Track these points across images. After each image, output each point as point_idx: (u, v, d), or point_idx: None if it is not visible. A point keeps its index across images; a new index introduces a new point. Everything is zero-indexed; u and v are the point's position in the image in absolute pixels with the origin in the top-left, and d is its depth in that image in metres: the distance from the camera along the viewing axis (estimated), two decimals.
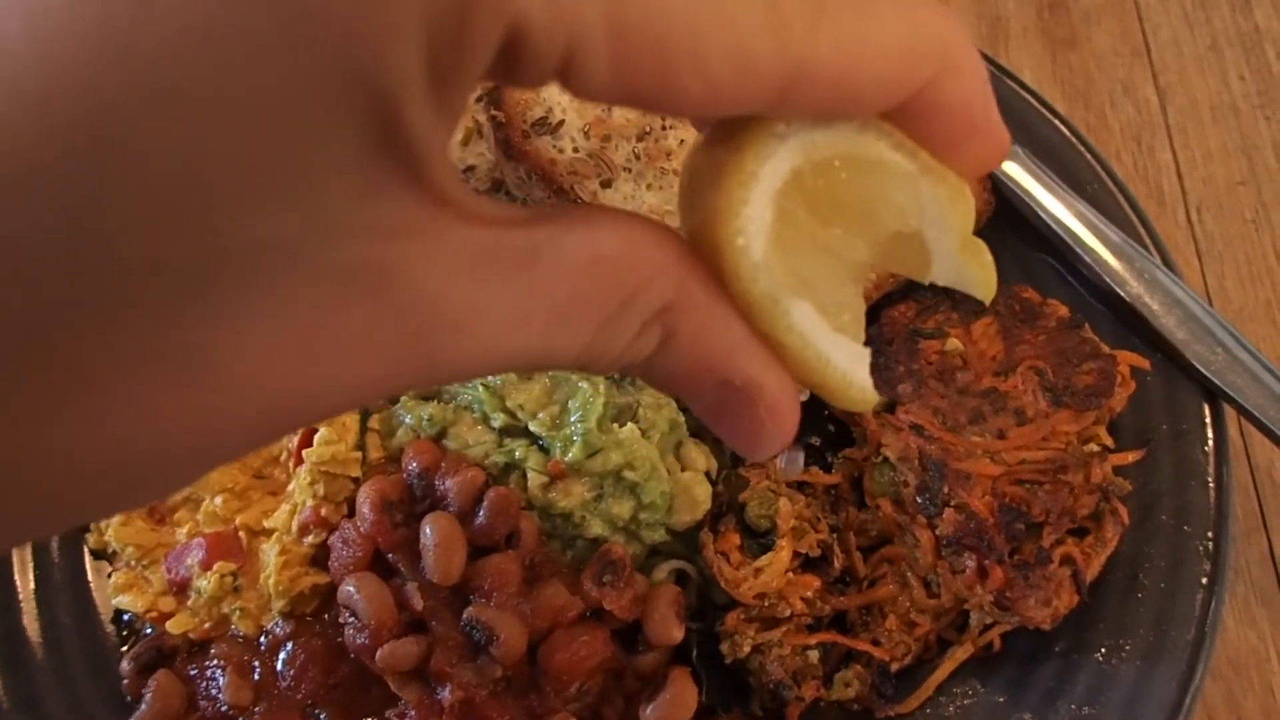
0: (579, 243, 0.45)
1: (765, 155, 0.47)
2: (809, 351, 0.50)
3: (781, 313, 0.49)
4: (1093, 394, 1.17)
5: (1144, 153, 1.59)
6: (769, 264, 0.48)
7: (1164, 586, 1.14)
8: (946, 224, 0.50)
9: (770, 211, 0.47)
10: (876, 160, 0.49)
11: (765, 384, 0.49)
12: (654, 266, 0.46)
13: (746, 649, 1.11)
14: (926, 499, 1.11)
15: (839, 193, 0.49)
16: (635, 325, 0.46)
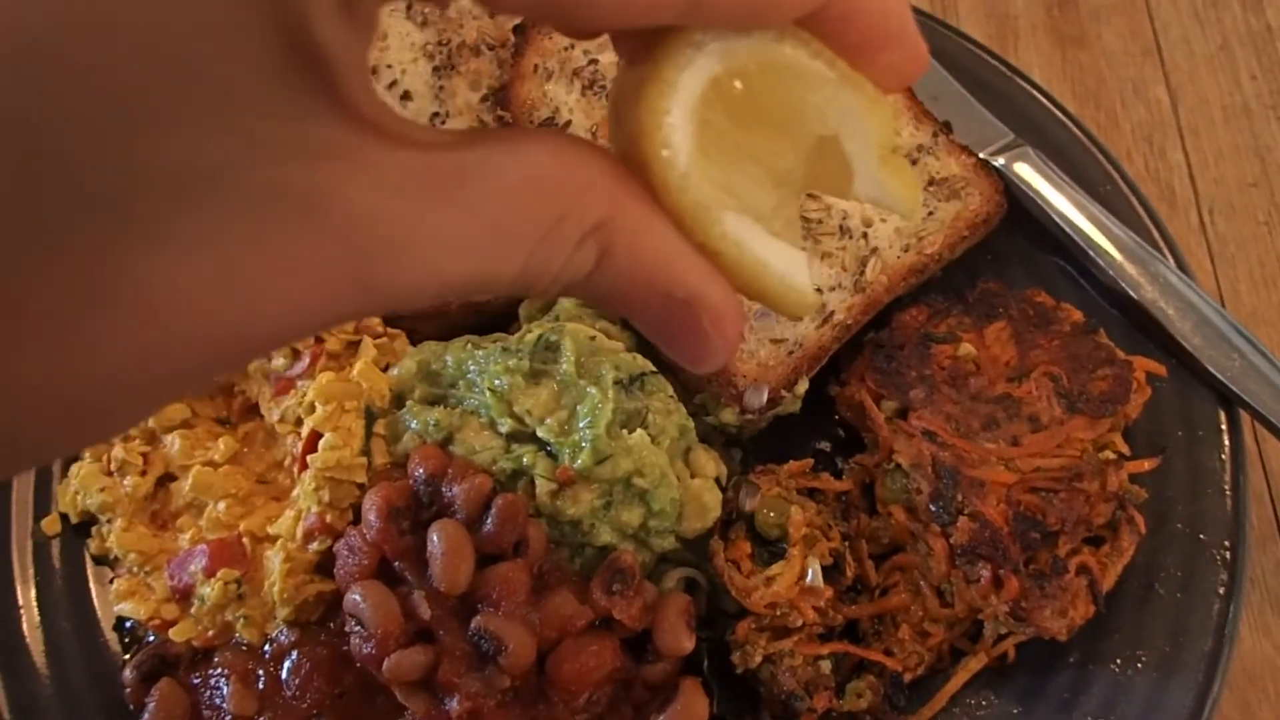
0: (510, 162, 0.46)
1: (683, 64, 0.48)
2: (745, 258, 0.51)
3: (713, 221, 0.50)
4: (1108, 400, 1.15)
5: (1155, 153, 1.58)
6: (696, 173, 0.49)
7: (1180, 596, 1.13)
8: (865, 134, 0.52)
9: (692, 121, 0.49)
10: (794, 68, 0.50)
11: (706, 294, 0.50)
12: (585, 182, 0.47)
13: (758, 659, 1.10)
14: (940, 507, 1.10)
15: (759, 100, 0.51)
16: (571, 242, 0.47)
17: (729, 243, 0.50)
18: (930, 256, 1.26)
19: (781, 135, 0.52)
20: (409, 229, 0.43)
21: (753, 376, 1.18)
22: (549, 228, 0.46)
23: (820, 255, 1.24)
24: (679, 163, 0.49)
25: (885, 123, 0.52)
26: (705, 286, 0.50)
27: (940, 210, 1.28)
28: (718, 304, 0.50)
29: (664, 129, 0.48)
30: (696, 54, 0.48)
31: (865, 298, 1.23)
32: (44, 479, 1.24)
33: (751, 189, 0.51)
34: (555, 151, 0.47)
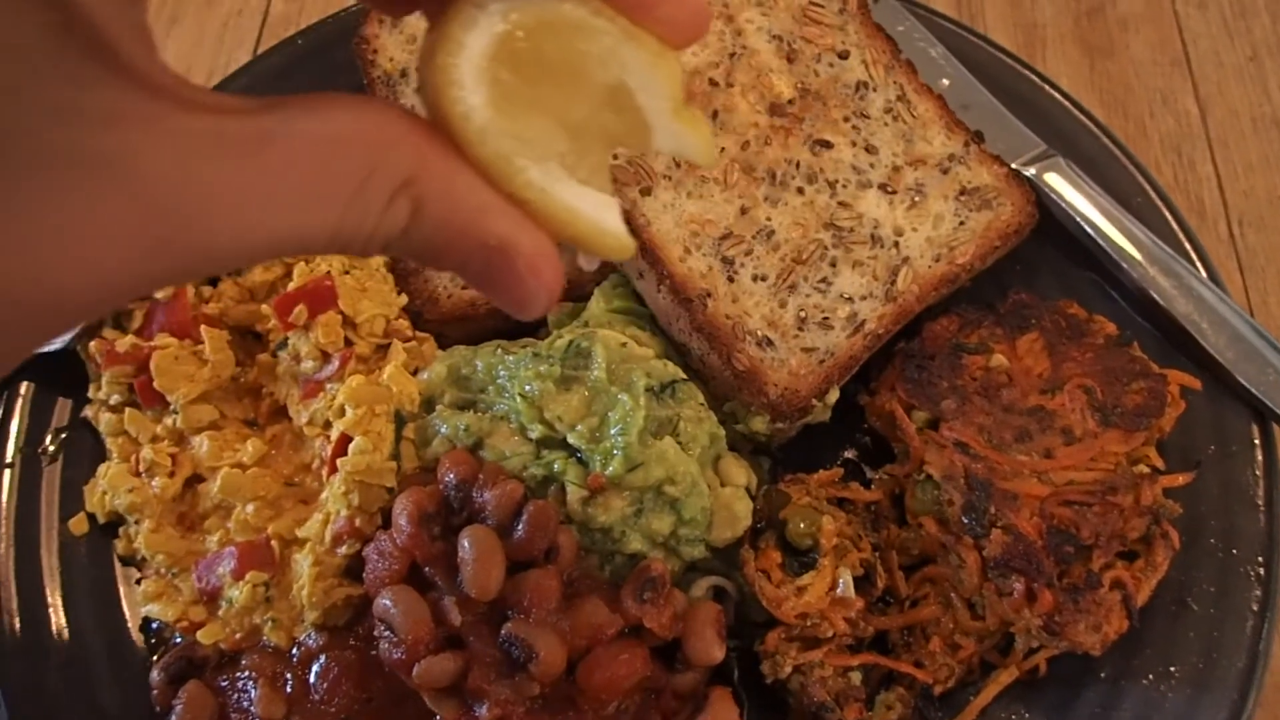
0: (313, 125, 0.49)
1: (469, 24, 0.52)
2: (553, 204, 0.55)
3: (516, 170, 0.54)
4: (1143, 414, 1.14)
5: (1184, 165, 1.57)
6: (493, 126, 0.53)
7: (1213, 612, 1.12)
8: (654, 88, 0.56)
9: (483, 77, 0.52)
10: (577, 24, 0.54)
11: (519, 241, 0.54)
12: (390, 140, 0.50)
13: (788, 669, 1.09)
14: (973, 519, 1.09)
15: (546, 55, 0.54)
16: (382, 198, 0.50)
17: (534, 190, 0.54)
18: (962, 266, 1.25)
19: (571, 88, 0.56)
20: (211, 190, 0.45)
21: (784, 385, 1.18)
22: (358, 185, 0.49)
23: (852, 264, 1.23)
24: (474, 117, 0.52)
25: (671, 76, 0.56)
26: (516, 233, 0.54)
27: (972, 220, 1.28)
28: (531, 249, 0.54)
29: (456, 86, 0.52)
30: (480, 14, 0.52)
31: (896, 307, 1.23)
32: (72, 480, 1.24)
33: (550, 139, 0.55)
34: (360, 113, 0.50)
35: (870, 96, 1.32)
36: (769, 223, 1.24)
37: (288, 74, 1.48)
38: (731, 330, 1.19)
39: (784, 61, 1.32)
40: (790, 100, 1.30)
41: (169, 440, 1.22)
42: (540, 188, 0.55)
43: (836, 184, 1.27)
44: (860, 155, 1.29)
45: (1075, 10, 1.72)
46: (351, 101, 0.51)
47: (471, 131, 0.52)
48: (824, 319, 1.21)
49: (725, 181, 1.25)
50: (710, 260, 1.22)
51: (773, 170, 1.26)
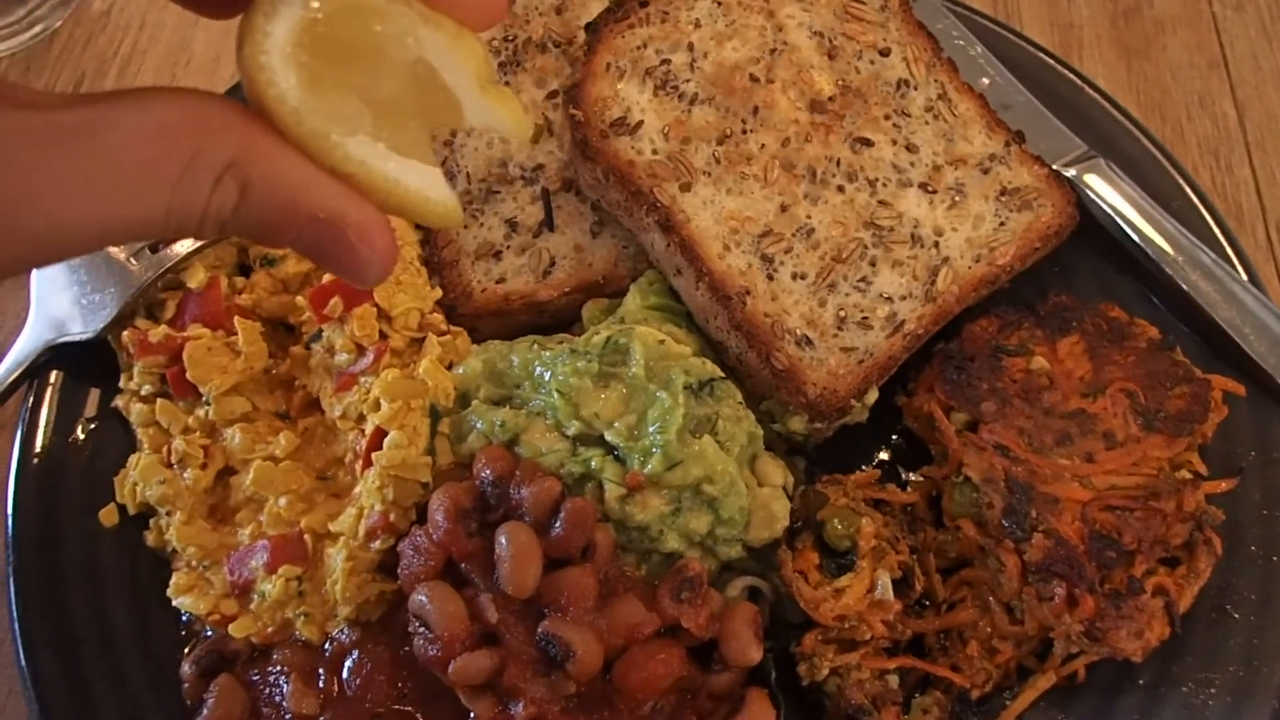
0: (135, 114, 0.52)
1: (271, 13, 0.56)
2: (375, 177, 0.59)
3: (334, 146, 0.58)
4: (1186, 419, 1.13)
5: (1222, 168, 1.56)
6: (306, 107, 0.57)
7: (1254, 620, 1.11)
8: (457, 67, 0.60)
9: (291, 61, 0.56)
10: (374, 9, 0.58)
11: (346, 211, 0.58)
12: (211, 126, 0.54)
13: (824, 671, 1.08)
14: (1013, 523, 1.08)
15: (348, 38, 0.58)
16: (208, 181, 0.53)
17: (353, 163, 0.58)
18: (1002, 267, 1.24)
19: (376, 68, 0.59)
20: (35, 179, 0.48)
21: (822, 385, 1.17)
22: (182, 169, 0.52)
23: (891, 264, 1.22)
24: (288, 100, 0.56)
25: (473, 54, 0.61)
26: (343, 204, 0.58)
27: (1012, 221, 1.26)
28: (359, 219, 0.58)
29: (266, 71, 0.56)
30: (281, 4, 0.56)
31: (936, 307, 1.22)
32: (101, 470, 1.23)
33: (364, 116, 0.59)
34: (179, 103, 0.54)
35: (911, 94, 1.31)
36: (809, 220, 1.23)
37: None
38: (770, 329, 1.18)
39: (825, 58, 1.31)
40: (831, 97, 1.29)
41: (200, 432, 1.22)
42: (360, 160, 0.59)
43: (877, 182, 1.26)
44: (901, 154, 1.28)
45: (1112, 11, 1.71)
46: (174, 92, 0.54)
47: (287, 113, 0.56)
48: (863, 318, 1.20)
49: (765, 178, 1.24)
50: (749, 258, 1.21)
51: (813, 167, 1.25)
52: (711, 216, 1.21)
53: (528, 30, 1.40)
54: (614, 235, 1.30)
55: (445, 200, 0.63)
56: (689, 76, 1.27)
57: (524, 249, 1.31)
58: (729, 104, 1.26)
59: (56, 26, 1.68)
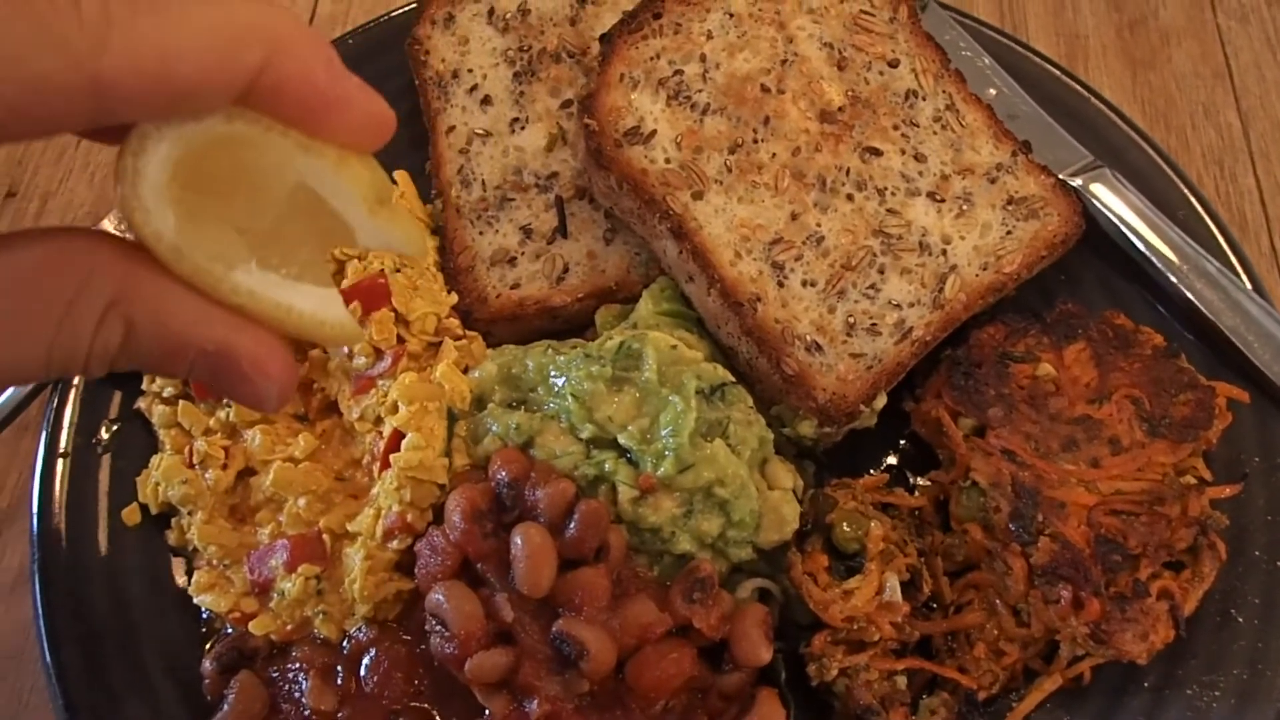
0: (6, 260, 0.51)
1: (141, 151, 0.54)
2: (265, 305, 0.58)
3: (218, 280, 0.57)
4: (1191, 425, 1.15)
5: (1226, 177, 1.58)
6: (186, 243, 0.55)
7: (1258, 624, 1.13)
8: (342, 193, 0.58)
9: (166, 199, 0.55)
10: (248, 140, 0.56)
11: (236, 343, 0.57)
12: (85, 269, 0.52)
13: (833, 672, 1.10)
14: (1020, 527, 1.10)
15: (224, 171, 0.57)
16: (90, 322, 0.52)
17: (243, 295, 0.57)
18: (1009, 275, 1.26)
19: (256, 198, 0.58)
20: None
21: (832, 390, 1.19)
22: (61, 314, 0.51)
23: (900, 271, 1.24)
24: (165, 238, 0.55)
25: (356, 180, 0.58)
26: (234, 336, 0.56)
27: (1019, 230, 1.28)
28: (251, 350, 0.57)
29: (140, 211, 0.54)
30: (150, 141, 0.54)
31: (944, 315, 1.24)
32: (124, 470, 1.26)
33: (248, 245, 0.58)
34: (54, 243, 0.52)
35: (919, 105, 1.33)
36: (819, 229, 1.25)
37: None
38: (780, 335, 1.20)
39: (835, 69, 1.33)
40: (841, 107, 1.31)
41: (221, 433, 1.24)
42: (248, 291, 0.57)
43: (885, 191, 1.28)
44: (909, 163, 1.30)
45: (1118, 22, 1.73)
46: (48, 233, 0.52)
47: (165, 250, 0.55)
48: (872, 325, 1.22)
49: (776, 187, 1.26)
50: (760, 265, 1.23)
51: (823, 176, 1.27)
52: (723, 224, 1.23)
53: (542, 41, 1.42)
54: (626, 242, 1.33)
55: (341, 322, 0.62)
56: (701, 87, 1.29)
57: (538, 255, 1.33)
58: (740, 114, 1.29)
59: None
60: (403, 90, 1.46)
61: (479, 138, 1.38)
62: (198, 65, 0.50)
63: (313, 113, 0.55)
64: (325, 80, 0.55)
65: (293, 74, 0.53)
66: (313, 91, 0.54)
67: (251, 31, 0.52)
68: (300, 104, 0.54)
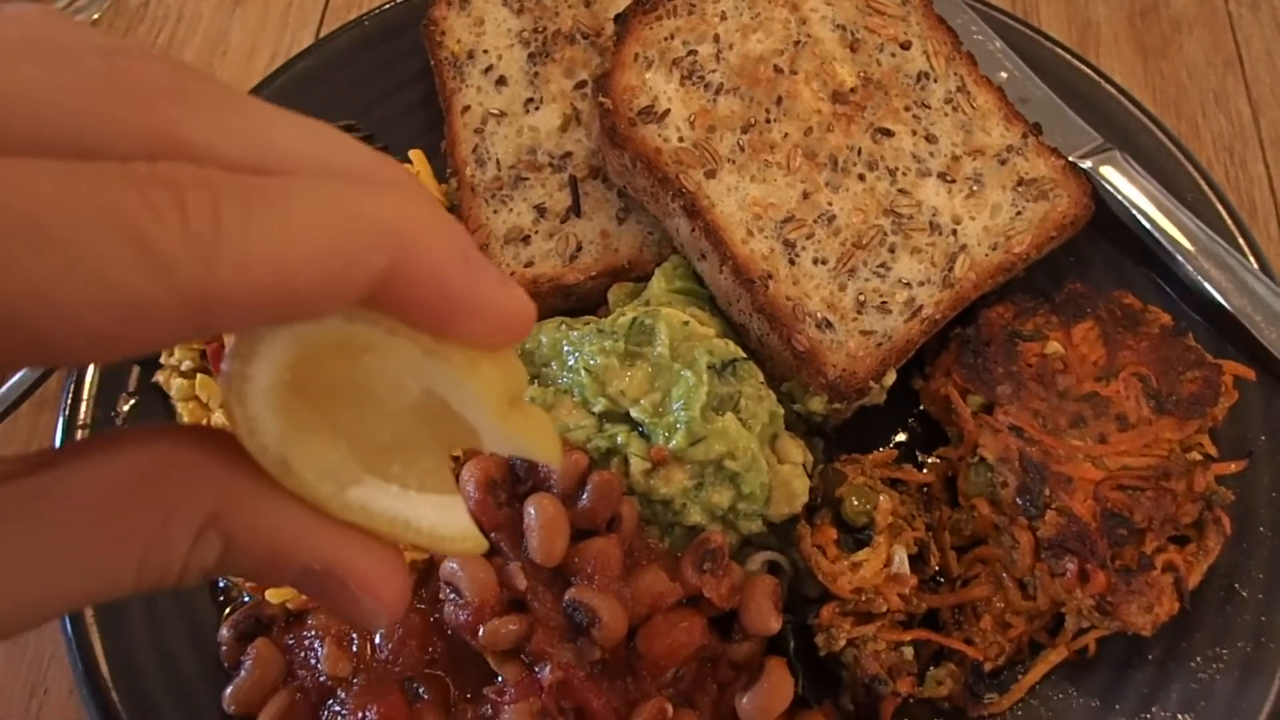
0: (95, 476, 0.44)
1: (250, 356, 0.47)
2: (378, 521, 0.51)
3: (328, 496, 0.50)
4: (1197, 402, 1.16)
5: (1236, 164, 1.59)
6: (297, 456, 0.49)
7: (1262, 598, 1.14)
8: (469, 400, 0.50)
9: (276, 409, 0.48)
10: (370, 345, 0.48)
11: (347, 561, 0.50)
12: (188, 479, 0.46)
13: (841, 642, 1.11)
14: (1027, 501, 1.12)
15: (341, 379, 0.50)
16: (185, 540, 0.45)
17: (355, 511, 0.51)
18: (1018, 256, 1.27)
19: (377, 406, 0.52)
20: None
21: (842, 367, 1.20)
22: (154, 532, 0.45)
23: (910, 250, 1.26)
24: (272, 450, 0.48)
25: (487, 385, 0.50)
26: (343, 553, 0.50)
27: (1028, 211, 1.30)
28: (361, 569, 0.50)
29: (247, 421, 0.48)
30: (259, 345, 0.47)
31: (953, 294, 1.25)
32: None
33: (364, 456, 0.51)
34: (150, 449, 0.46)
35: (931, 87, 1.34)
36: (830, 207, 1.26)
37: (354, 56, 1.51)
38: (791, 312, 1.21)
39: (847, 50, 1.34)
40: (853, 89, 1.32)
41: None
42: (361, 507, 0.51)
43: (897, 171, 1.29)
44: (920, 144, 1.31)
45: (1129, 9, 1.74)
46: (143, 437, 0.46)
47: (272, 464, 0.49)
48: (882, 303, 1.23)
49: (788, 166, 1.27)
50: (772, 243, 1.24)
51: (835, 156, 1.28)
52: (735, 203, 1.25)
53: (557, 22, 1.44)
54: (639, 221, 1.34)
55: (464, 535, 0.54)
56: (715, 67, 1.31)
57: (552, 234, 1.34)
58: (753, 94, 1.30)
59: (95, 17, 1.73)
60: (421, 72, 1.48)
61: (494, 118, 1.40)
62: (317, 274, 0.42)
63: (443, 317, 0.47)
64: (459, 281, 0.47)
65: (422, 276, 0.46)
66: (444, 294, 0.46)
67: (378, 231, 0.44)
68: (429, 308, 0.47)
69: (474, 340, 0.49)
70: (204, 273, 0.40)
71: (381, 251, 0.44)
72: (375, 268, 0.44)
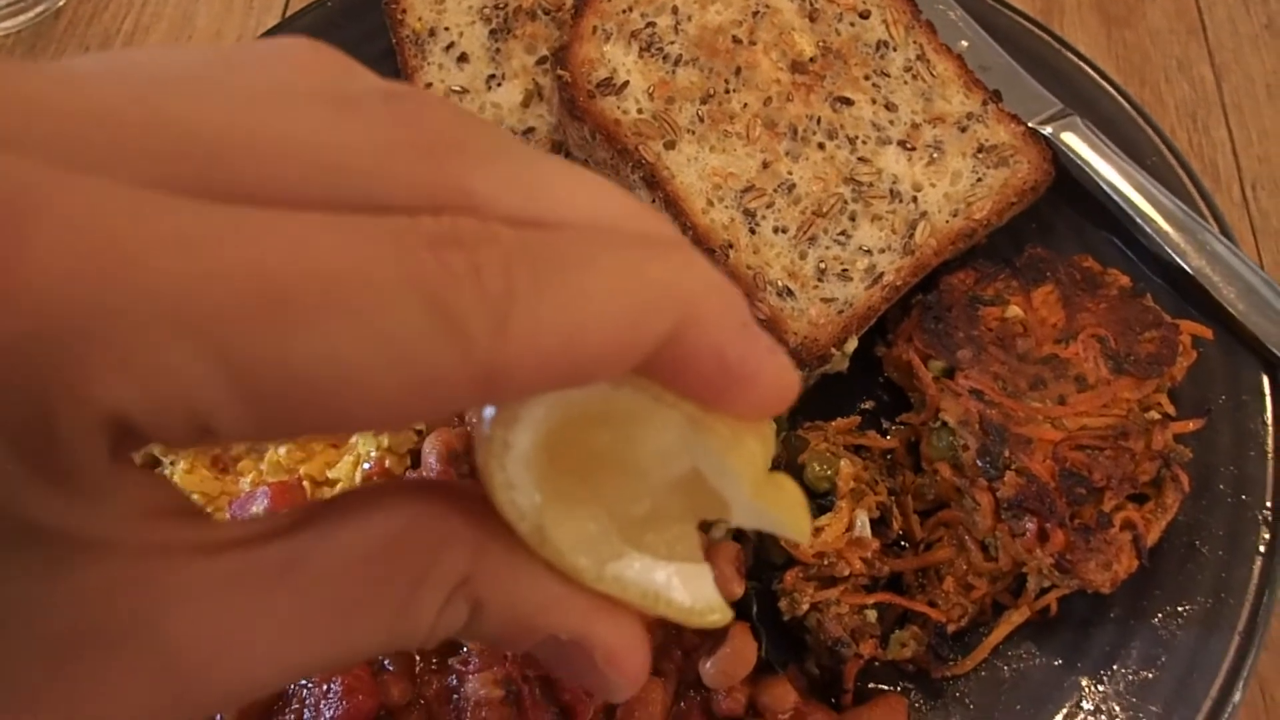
0: (352, 537, 0.42)
1: (513, 421, 0.45)
2: (631, 593, 0.49)
3: (582, 568, 0.48)
4: (1155, 362, 1.17)
5: (1199, 130, 1.59)
6: (553, 525, 0.47)
7: (1222, 555, 1.15)
8: (729, 473, 0.48)
9: (534, 476, 0.46)
10: (638, 415, 0.47)
11: (594, 634, 0.48)
12: (442, 542, 0.44)
13: (805, 607, 1.12)
14: (987, 462, 1.12)
15: (603, 448, 0.49)
16: (435, 605, 0.44)
17: (608, 583, 0.49)
18: (979, 222, 1.28)
19: (636, 476, 0.50)
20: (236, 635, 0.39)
21: (803, 334, 1.21)
22: (406, 595, 0.43)
23: (871, 218, 1.26)
24: (529, 518, 0.46)
25: (749, 458, 0.48)
26: (590, 626, 0.48)
27: (989, 177, 1.30)
28: (609, 642, 0.48)
29: (505, 489, 0.46)
30: (523, 410, 0.45)
31: (914, 260, 1.25)
32: None
33: (618, 525, 0.50)
34: (405, 511, 0.44)
35: (890, 56, 1.35)
36: (790, 176, 1.27)
37: (319, 36, 1.50)
38: (752, 280, 1.22)
39: (806, 20, 1.35)
40: (812, 58, 1.33)
41: None
42: (613, 578, 0.49)
43: (857, 140, 1.30)
44: (880, 112, 1.31)
45: None
46: (400, 496, 0.44)
47: (528, 531, 0.47)
48: (843, 270, 1.24)
49: (748, 136, 1.28)
50: (732, 212, 1.24)
51: (794, 126, 1.29)
52: (695, 173, 1.25)
53: None
54: None
55: (713, 606, 0.52)
56: (673, 39, 1.31)
57: None
58: (712, 65, 1.30)
59: (61, 5, 1.72)
60: (386, 52, 1.48)
61: (455, 94, 1.40)
62: (604, 340, 0.40)
63: (718, 386, 0.44)
64: (737, 352, 0.44)
65: (702, 346, 0.43)
66: (722, 363, 0.44)
67: (663, 297, 0.42)
68: (705, 376, 0.44)
69: (742, 410, 0.46)
70: (497, 341, 0.37)
71: (667, 317, 0.42)
72: (660, 333, 0.42)
